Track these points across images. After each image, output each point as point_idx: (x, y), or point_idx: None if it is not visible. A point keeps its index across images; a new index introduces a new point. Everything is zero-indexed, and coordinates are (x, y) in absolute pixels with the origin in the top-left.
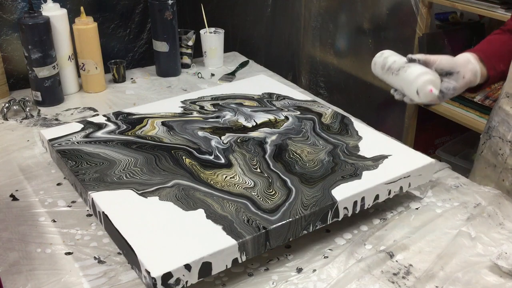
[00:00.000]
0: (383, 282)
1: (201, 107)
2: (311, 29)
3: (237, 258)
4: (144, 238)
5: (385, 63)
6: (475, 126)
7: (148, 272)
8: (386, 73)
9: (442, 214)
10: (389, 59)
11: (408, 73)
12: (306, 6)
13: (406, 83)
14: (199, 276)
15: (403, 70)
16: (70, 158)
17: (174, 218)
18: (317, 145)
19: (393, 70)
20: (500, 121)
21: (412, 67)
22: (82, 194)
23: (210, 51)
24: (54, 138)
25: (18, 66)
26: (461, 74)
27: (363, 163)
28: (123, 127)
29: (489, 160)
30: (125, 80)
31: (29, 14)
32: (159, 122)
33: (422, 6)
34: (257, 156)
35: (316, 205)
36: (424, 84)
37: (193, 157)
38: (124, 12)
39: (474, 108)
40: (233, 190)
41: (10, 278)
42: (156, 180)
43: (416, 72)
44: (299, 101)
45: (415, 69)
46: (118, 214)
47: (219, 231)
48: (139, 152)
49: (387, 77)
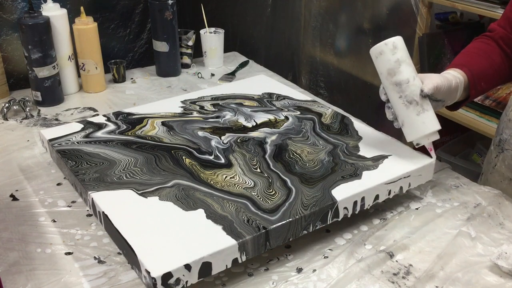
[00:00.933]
0: (383, 282)
1: (201, 107)
2: (311, 29)
3: (237, 258)
4: (144, 238)
5: (394, 69)
6: (475, 126)
7: (148, 272)
8: (391, 82)
9: (442, 214)
10: (402, 69)
11: (421, 118)
12: (306, 6)
13: (412, 122)
14: (199, 276)
15: (415, 108)
16: (70, 158)
17: (174, 218)
18: (317, 145)
19: (403, 94)
20: None
21: (427, 113)
22: (82, 194)
23: (210, 51)
24: (54, 138)
25: (18, 66)
26: (446, 103)
27: (363, 163)
28: (123, 127)
29: (504, 174)
30: (125, 80)
31: (29, 14)
32: (159, 122)
33: (422, 6)
34: (257, 156)
35: (316, 205)
36: (429, 142)
37: (193, 157)
38: (124, 12)
39: (474, 108)
40: (233, 190)
41: (10, 278)
42: (156, 180)
43: (429, 126)
44: (299, 101)
45: (429, 118)
46: (118, 214)
47: (219, 231)
48: (139, 152)
49: (390, 87)
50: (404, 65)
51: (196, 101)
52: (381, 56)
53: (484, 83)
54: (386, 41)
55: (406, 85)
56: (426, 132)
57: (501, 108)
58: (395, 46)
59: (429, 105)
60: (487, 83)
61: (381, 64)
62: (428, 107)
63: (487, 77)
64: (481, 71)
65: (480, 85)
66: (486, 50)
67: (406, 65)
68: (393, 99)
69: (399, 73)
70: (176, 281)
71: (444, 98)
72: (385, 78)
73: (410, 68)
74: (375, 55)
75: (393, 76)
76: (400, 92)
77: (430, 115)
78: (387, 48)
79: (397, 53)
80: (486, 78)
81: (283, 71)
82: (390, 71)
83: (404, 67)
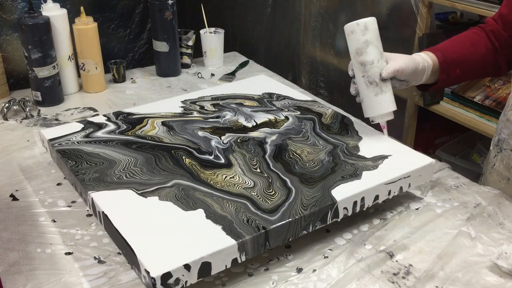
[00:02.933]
0: (383, 282)
1: (201, 107)
2: (311, 29)
3: (236, 258)
4: (144, 238)
5: (362, 49)
6: (475, 126)
7: (147, 272)
8: (357, 61)
9: (442, 214)
10: (369, 51)
11: (378, 99)
12: (306, 6)
13: (370, 101)
14: (199, 276)
15: (374, 89)
16: (70, 158)
17: (173, 218)
18: (317, 145)
19: (366, 74)
20: (510, 134)
21: (384, 95)
22: (82, 194)
23: (210, 51)
24: (54, 138)
25: (18, 66)
26: (411, 83)
27: (363, 163)
28: (123, 127)
29: (502, 174)
30: (125, 80)
31: (29, 14)
32: (159, 122)
33: (422, 6)
34: (257, 156)
35: (316, 205)
36: (383, 121)
37: (193, 157)
38: (124, 12)
39: (474, 108)
40: (233, 190)
41: (10, 278)
42: (156, 180)
43: (385, 106)
44: (299, 101)
45: (385, 100)
46: (117, 214)
47: (218, 231)
48: (139, 152)
49: (356, 65)
50: (371, 47)
51: (196, 101)
52: (352, 35)
53: (459, 71)
54: (359, 21)
55: (370, 66)
56: (380, 112)
57: (501, 108)
58: (366, 27)
59: (388, 87)
60: (464, 72)
61: (351, 42)
62: (387, 89)
63: (464, 65)
64: (459, 58)
65: (453, 71)
66: (473, 39)
67: (373, 47)
68: (357, 77)
69: (365, 53)
70: (176, 281)
71: (408, 79)
72: (353, 56)
73: (377, 51)
74: (347, 32)
75: (359, 56)
76: (363, 71)
77: (387, 97)
78: (358, 28)
79: (367, 34)
80: (464, 66)
81: (283, 71)
82: (358, 51)
83: (371, 48)
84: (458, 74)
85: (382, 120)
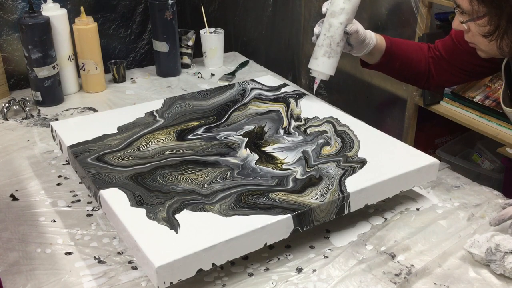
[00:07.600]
0: (385, 282)
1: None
2: (311, 29)
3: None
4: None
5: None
6: (475, 126)
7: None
8: (327, 21)
9: (442, 214)
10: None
11: (326, 59)
12: (306, 6)
13: (317, 56)
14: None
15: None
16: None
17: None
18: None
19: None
20: None
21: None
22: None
23: (210, 51)
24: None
25: (18, 66)
26: (353, 50)
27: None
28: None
29: None
30: (125, 80)
31: (29, 14)
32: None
33: (422, 6)
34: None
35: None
36: (319, 78)
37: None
38: (124, 13)
39: (474, 108)
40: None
41: (10, 278)
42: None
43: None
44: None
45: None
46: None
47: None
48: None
49: (325, 24)
50: (343, 15)
51: None
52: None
53: (400, 64)
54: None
55: (334, 30)
56: (319, 70)
57: (501, 108)
58: None
59: (337, 54)
60: (404, 66)
61: (332, 4)
62: (335, 55)
63: (405, 61)
64: (404, 54)
65: (394, 62)
66: (419, 48)
67: (345, 15)
68: (321, 33)
69: (336, 18)
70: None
71: (355, 45)
72: (327, 15)
73: (346, 21)
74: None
75: (331, 18)
76: (327, 31)
77: (331, 62)
78: None
79: (346, 3)
80: (404, 61)
81: (283, 71)
82: (333, 13)
83: (343, 16)
84: (398, 67)
85: (318, 77)
